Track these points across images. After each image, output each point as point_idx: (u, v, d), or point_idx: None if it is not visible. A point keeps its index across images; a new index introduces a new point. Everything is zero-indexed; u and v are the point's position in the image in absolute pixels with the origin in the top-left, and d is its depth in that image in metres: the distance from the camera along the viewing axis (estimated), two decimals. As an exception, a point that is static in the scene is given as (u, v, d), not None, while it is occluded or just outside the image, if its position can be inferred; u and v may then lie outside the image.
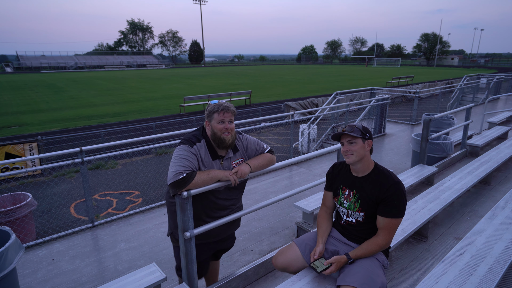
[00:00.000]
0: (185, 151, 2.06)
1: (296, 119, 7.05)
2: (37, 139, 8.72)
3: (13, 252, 2.28)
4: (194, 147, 2.10)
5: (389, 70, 54.53)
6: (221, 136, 2.12)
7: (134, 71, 60.75)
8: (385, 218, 1.96)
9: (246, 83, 34.04)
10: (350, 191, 2.09)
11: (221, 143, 2.14)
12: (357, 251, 1.98)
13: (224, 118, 2.13)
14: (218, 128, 2.12)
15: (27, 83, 35.82)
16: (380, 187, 1.97)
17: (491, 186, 4.50)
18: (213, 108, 2.15)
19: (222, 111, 2.13)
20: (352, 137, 1.99)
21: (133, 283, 2.22)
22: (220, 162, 2.19)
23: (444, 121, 6.47)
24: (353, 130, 2.01)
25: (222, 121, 2.12)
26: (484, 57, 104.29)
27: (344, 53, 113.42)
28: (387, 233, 1.98)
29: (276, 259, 2.20)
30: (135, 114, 17.33)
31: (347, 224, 2.14)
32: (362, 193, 2.03)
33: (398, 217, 1.96)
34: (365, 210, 2.02)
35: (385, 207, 1.96)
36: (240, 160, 2.28)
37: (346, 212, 2.12)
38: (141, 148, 4.94)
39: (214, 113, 2.14)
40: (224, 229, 2.35)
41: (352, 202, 2.07)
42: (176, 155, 2.06)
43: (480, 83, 14.77)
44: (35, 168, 3.92)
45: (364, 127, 2.05)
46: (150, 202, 5.82)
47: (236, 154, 2.27)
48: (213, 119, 2.14)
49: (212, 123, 2.14)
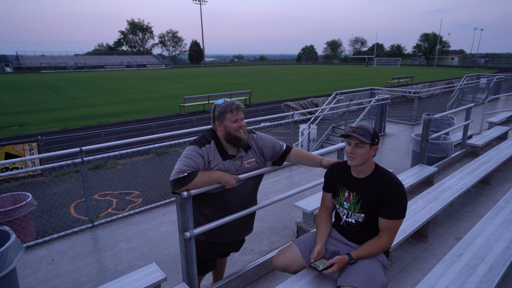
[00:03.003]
0: (192, 151, 2.05)
1: (296, 119, 7.05)
2: (37, 139, 8.72)
3: (13, 252, 2.28)
4: (203, 149, 2.08)
5: (389, 70, 54.54)
6: (237, 135, 2.09)
7: (134, 71, 60.75)
8: (387, 220, 1.95)
9: (246, 83, 34.04)
10: (350, 193, 2.07)
11: (238, 142, 2.11)
12: (359, 252, 1.98)
13: (238, 117, 2.10)
14: (233, 128, 2.08)
15: (27, 83, 35.81)
16: (382, 189, 1.96)
17: (491, 186, 4.50)
18: (225, 109, 2.10)
19: (236, 110, 2.09)
20: (361, 141, 1.94)
21: (133, 283, 2.22)
22: (232, 161, 2.16)
23: (444, 121, 6.47)
24: (364, 134, 1.94)
25: (236, 120, 2.09)
26: (484, 57, 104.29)
27: (344, 53, 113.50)
28: (389, 234, 1.97)
29: (276, 259, 2.20)
30: (135, 114, 17.34)
31: (347, 225, 2.13)
32: (363, 195, 2.01)
33: (400, 218, 1.96)
34: (366, 211, 2.01)
35: (386, 209, 1.95)
36: (252, 159, 2.25)
37: (346, 213, 2.11)
38: (141, 148, 4.94)
39: (226, 113, 2.09)
40: (238, 231, 2.37)
41: (353, 203, 2.06)
42: (183, 154, 2.07)
43: (480, 83, 14.77)
44: (35, 168, 3.92)
45: (375, 132, 1.98)
46: (150, 202, 5.82)
47: (248, 153, 2.24)
48: (225, 119, 2.09)
49: (225, 123, 2.10)
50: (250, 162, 2.24)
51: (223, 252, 2.56)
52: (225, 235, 2.32)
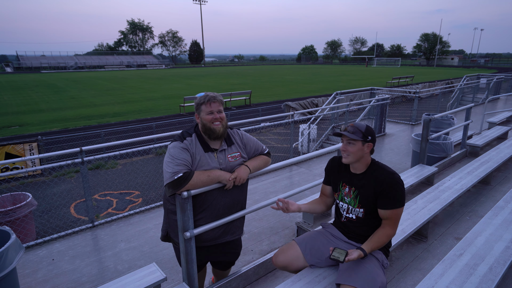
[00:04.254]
0: (176, 149, 2.05)
1: (296, 119, 7.06)
2: (37, 139, 8.72)
3: (13, 252, 2.28)
4: (185, 142, 2.09)
5: (389, 70, 54.53)
6: (211, 127, 2.11)
7: (134, 71, 60.75)
8: (387, 211, 1.96)
9: (246, 83, 34.03)
10: (350, 188, 2.10)
11: (212, 134, 2.12)
12: (370, 244, 1.96)
13: (212, 108, 2.11)
14: (208, 119, 2.11)
15: (27, 83, 35.81)
16: (376, 181, 1.98)
17: (491, 186, 4.50)
18: (200, 100, 2.14)
19: (208, 101, 2.12)
20: (352, 138, 1.97)
21: (133, 283, 2.22)
22: (214, 154, 2.15)
23: (444, 121, 6.47)
24: (355, 131, 1.98)
25: (210, 112, 2.11)
26: (484, 57, 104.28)
27: (344, 53, 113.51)
28: (392, 223, 1.99)
29: (276, 258, 2.19)
30: (135, 114, 17.33)
31: (347, 221, 2.15)
32: (361, 190, 2.04)
33: (399, 207, 1.96)
34: (364, 206, 2.03)
35: (384, 200, 1.96)
36: (237, 154, 2.23)
37: (346, 208, 2.13)
38: (141, 148, 4.94)
39: (201, 105, 2.13)
40: (217, 233, 2.24)
41: (352, 198, 2.09)
42: (168, 154, 2.06)
43: (480, 83, 14.77)
44: (35, 168, 3.92)
45: (367, 129, 1.99)
46: (150, 202, 5.83)
47: (232, 147, 2.23)
48: (201, 111, 2.13)
49: (201, 115, 2.13)
50: (235, 156, 2.22)
51: (210, 260, 2.43)
52: (204, 237, 2.21)
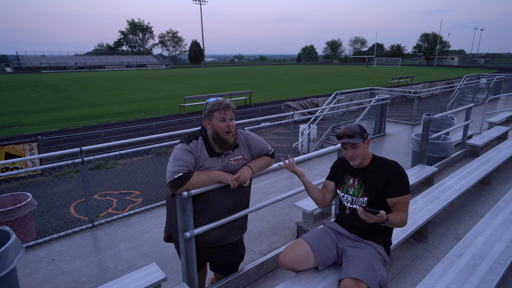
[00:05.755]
0: (181, 150, 2.06)
1: (296, 119, 7.06)
2: (37, 139, 8.72)
3: (13, 252, 2.28)
4: (190, 145, 2.08)
5: (389, 70, 54.53)
6: (223, 137, 2.08)
7: (134, 71, 60.74)
8: (395, 198, 2.06)
9: (246, 83, 34.03)
10: (355, 179, 2.20)
11: (223, 144, 2.10)
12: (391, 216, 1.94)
13: (226, 116, 2.08)
14: (220, 127, 2.07)
15: (27, 83, 35.81)
16: (381, 171, 2.11)
17: (491, 186, 4.50)
18: (214, 107, 2.09)
19: (223, 109, 2.07)
20: (355, 143, 2.08)
21: (133, 283, 2.22)
22: (218, 159, 2.14)
23: (444, 121, 6.47)
24: (354, 135, 2.09)
25: (223, 119, 2.08)
26: (484, 57, 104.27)
27: (344, 53, 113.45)
28: (404, 208, 2.05)
29: (284, 256, 2.13)
30: (135, 114, 17.33)
31: (351, 212, 2.19)
32: (366, 179, 2.14)
33: (406, 194, 2.06)
34: (369, 194, 2.11)
35: (391, 187, 2.06)
36: (239, 157, 2.20)
37: (350, 199, 2.19)
38: (141, 148, 4.94)
39: (214, 112, 2.09)
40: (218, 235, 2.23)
41: (357, 188, 2.17)
42: (173, 154, 2.07)
43: (480, 83, 14.77)
44: (35, 168, 3.92)
45: (361, 128, 2.13)
46: (150, 202, 5.83)
47: (235, 151, 2.20)
48: (213, 117, 2.09)
49: (213, 122, 2.09)
50: (237, 159, 2.20)
51: (210, 260, 2.42)
52: (206, 240, 2.21)
